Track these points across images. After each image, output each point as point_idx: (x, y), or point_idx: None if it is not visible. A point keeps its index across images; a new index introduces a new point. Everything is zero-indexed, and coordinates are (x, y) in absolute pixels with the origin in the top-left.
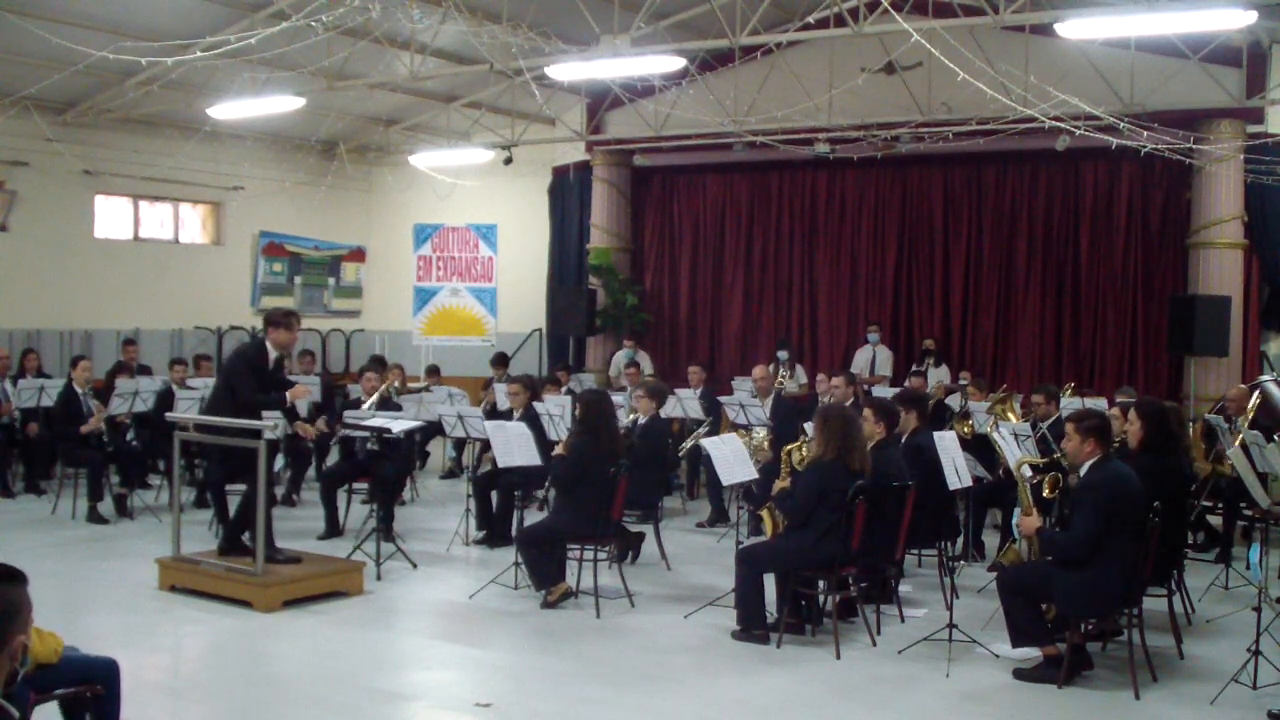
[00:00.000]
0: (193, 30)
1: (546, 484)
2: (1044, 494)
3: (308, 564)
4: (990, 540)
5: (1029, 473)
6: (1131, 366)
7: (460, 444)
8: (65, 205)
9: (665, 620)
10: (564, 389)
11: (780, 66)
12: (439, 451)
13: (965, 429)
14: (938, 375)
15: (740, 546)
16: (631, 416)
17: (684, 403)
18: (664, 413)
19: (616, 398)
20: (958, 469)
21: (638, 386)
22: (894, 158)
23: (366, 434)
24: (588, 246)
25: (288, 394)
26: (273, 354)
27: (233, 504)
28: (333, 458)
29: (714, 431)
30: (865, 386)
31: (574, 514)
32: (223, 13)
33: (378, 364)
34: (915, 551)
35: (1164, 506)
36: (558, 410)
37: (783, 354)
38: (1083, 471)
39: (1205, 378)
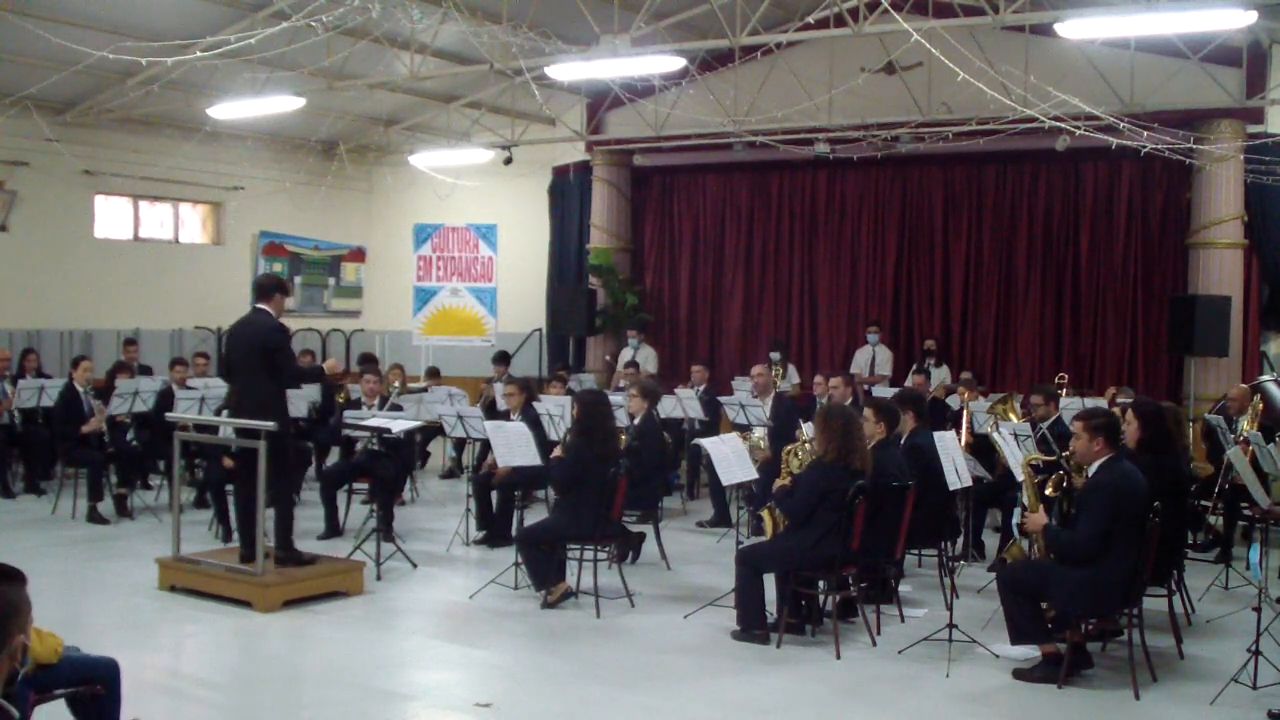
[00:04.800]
0: (193, 30)
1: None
2: (1047, 492)
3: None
4: (990, 540)
5: (1033, 471)
6: (1131, 366)
7: (460, 444)
8: (65, 205)
9: (665, 620)
10: (565, 388)
11: (780, 66)
12: (439, 451)
13: (967, 439)
14: (939, 375)
15: (740, 546)
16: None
17: (684, 402)
18: (663, 412)
19: (615, 398)
20: (958, 469)
21: (631, 386)
22: (894, 158)
23: (366, 434)
24: (588, 246)
25: (325, 366)
26: None
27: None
28: (333, 458)
29: (713, 431)
30: (865, 386)
31: (574, 514)
32: (223, 13)
33: (370, 362)
34: (915, 551)
35: (1163, 506)
36: (558, 410)
37: (775, 355)
38: (1091, 471)
39: (1205, 378)
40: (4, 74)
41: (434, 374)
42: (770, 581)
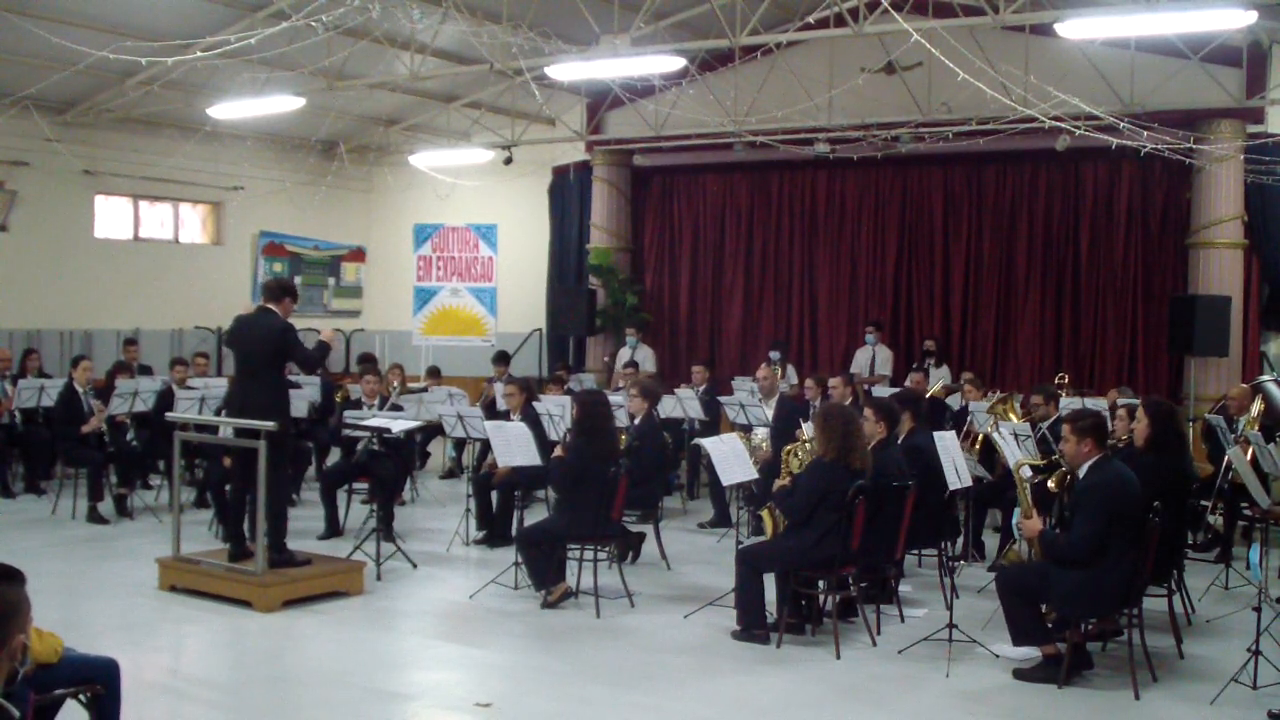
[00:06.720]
0: (193, 30)
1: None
2: (1050, 486)
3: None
4: (990, 540)
5: (1028, 474)
6: (1131, 366)
7: (460, 444)
8: (65, 205)
9: (665, 620)
10: (565, 388)
11: (780, 66)
12: (439, 451)
13: (974, 448)
14: (939, 375)
15: (740, 546)
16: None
17: (684, 402)
18: (663, 412)
19: (615, 398)
20: (958, 469)
21: (631, 386)
22: (894, 158)
23: (366, 434)
24: (588, 246)
25: (322, 337)
26: None
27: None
28: (333, 458)
29: (713, 431)
30: (865, 386)
31: (574, 514)
32: (223, 13)
33: (370, 362)
34: (915, 551)
35: (1165, 506)
36: (558, 410)
37: (775, 354)
38: (1082, 473)
39: (1205, 378)
40: (4, 74)
41: (434, 374)
42: (770, 581)
